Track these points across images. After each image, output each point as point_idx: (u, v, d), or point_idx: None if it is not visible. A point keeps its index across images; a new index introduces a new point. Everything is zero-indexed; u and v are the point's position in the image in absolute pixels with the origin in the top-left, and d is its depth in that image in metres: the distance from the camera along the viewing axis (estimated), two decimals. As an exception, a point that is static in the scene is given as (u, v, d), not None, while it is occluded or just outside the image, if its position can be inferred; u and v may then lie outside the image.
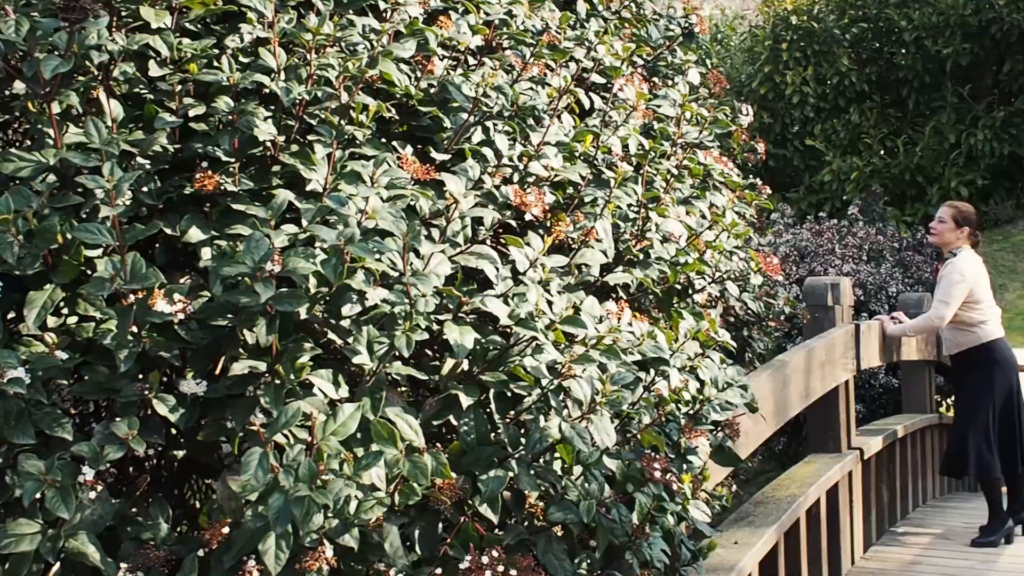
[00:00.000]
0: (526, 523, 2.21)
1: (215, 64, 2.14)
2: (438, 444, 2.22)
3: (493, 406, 2.16)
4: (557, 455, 2.20)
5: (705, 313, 3.05)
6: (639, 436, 2.21)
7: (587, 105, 2.63)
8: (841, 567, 5.65)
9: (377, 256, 1.91)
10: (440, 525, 2.10)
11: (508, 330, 2.13)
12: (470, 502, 2.05)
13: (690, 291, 2.69)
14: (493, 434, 2.16)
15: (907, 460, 7.32)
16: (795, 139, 14.34)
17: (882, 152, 13.88)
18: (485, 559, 1.93)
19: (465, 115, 2.24)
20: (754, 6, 15.95)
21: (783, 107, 14.24)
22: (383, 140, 2.26)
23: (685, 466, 2.40)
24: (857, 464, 5.99)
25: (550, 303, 2.13)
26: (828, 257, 9.73)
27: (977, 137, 13.34)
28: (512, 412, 2.17)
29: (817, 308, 6.05)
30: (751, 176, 14.42)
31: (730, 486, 4.72)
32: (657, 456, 2.17)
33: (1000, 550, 6.24)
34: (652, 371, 2.38)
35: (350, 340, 1.94)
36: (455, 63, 2.43)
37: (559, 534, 2.21)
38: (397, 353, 1.91)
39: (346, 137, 2.15)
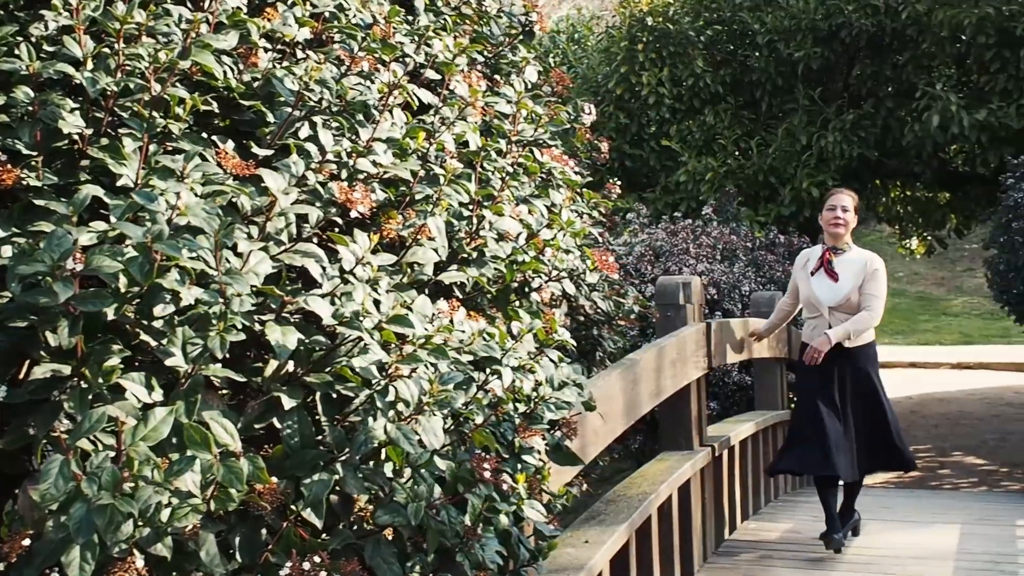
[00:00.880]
0: (355, 527, 2.16)
1: (15, 52, 2.03)
2: (267, 447, 2.16)
3: (320, 408, 2.10)
4: (389, 457, 2.15)
5: (548, 312, 3.04)
6: (471, 436, 2.18)
7: (420, 102, 2.58)
8: (693, 563, 5.73)
9: (191, 254, 1.84)
10: (264, 532, 2.04)
11: (335, 330, 2.08)
12: (293, 507, 1.99)
13: (527, 289, 2.67)
14: (320, 437, 2.11)
15: (759, 456, 7.47)
16: (651, 139, 14.50)
17: (736, 153, 14.14)
18: (307, 565, 1.87)
19: (289, 109, 2.18)
20: (611, 7, 16.10)
21: (639, 107, 14.39)
22: (203, 135, 2.18)
23: (520, 466, 2.37)
24: (709, 460, 6.08)
25: (378, 302, 2.08)
26: (683, 256, 9.88)
27: (828, 139, 13.67)
28: (340, 414, 2.12)
29: (669, 307, 6.12)
30: (610, 176, 14.63)
31: (580, 485, 4.74)
32: (488, 456, 2.14)
33: (848, 542, 6.40)
34: (488, 371, 2.35)
35: (164, 341, 1.86)
36: (281, 56, 2.37)
37: (390, 537, 2.16)
38: (213, 355, 1.84)
39: (160, 131, 2.06)
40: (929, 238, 16.20)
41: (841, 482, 6.24)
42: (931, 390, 16.35)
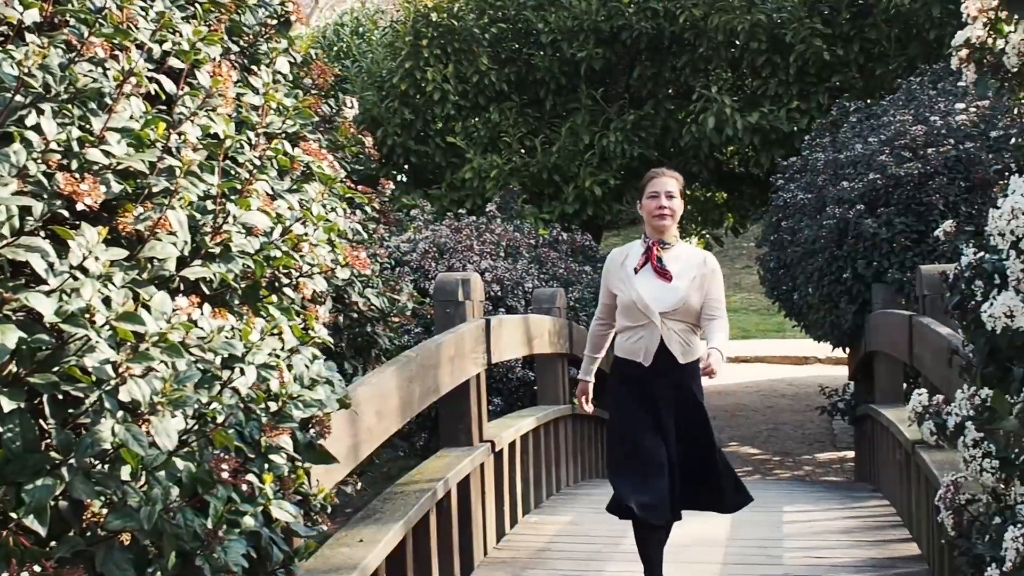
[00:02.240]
0: (89, 533, 2.06)
1: None
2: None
3: (47, 410, 2.00)
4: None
5: (311, 308, 2.98)
6: (212, 436, 2.11)
7: (158, 90, 2.49)
8: (473, 558, 5.75)
9: None
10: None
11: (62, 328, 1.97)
12: (14, 514, 1.88)
13: (276, 285, 2.61)
14: (48, 440, 2.00)
15: (540, 450, 7.57)
16: (437, 136, 14.55)
17: (521, 151, 14.34)
18: (26, 574, 1.77)
19: (9, 95, 2.06)
20: (396, 2, 16.04)
21: (425, 104, 14.41)
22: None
23: (268, 465, 2.32)
24: (489, 456, 6.11)
25: (109, 299, 1.99)
26: (467, 253, 9.93)
27: (610, 139, 14.02)
28: (71, 416, 2.01)
29: (448, 303, 6.11)
30: (396, 172, 14.51)
31: (355, 484, 4.69)
32: (228, 457, 2.08)
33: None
34: (236, 369, 2.28)
35: None
36: (4, 39, 2.23)
37: (126, 543, 2.07)
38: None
39: None
40: (707, 236, 16.80)
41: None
42: (710, 383, 16.96)
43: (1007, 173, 2.87)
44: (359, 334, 4.93)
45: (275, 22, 3.42)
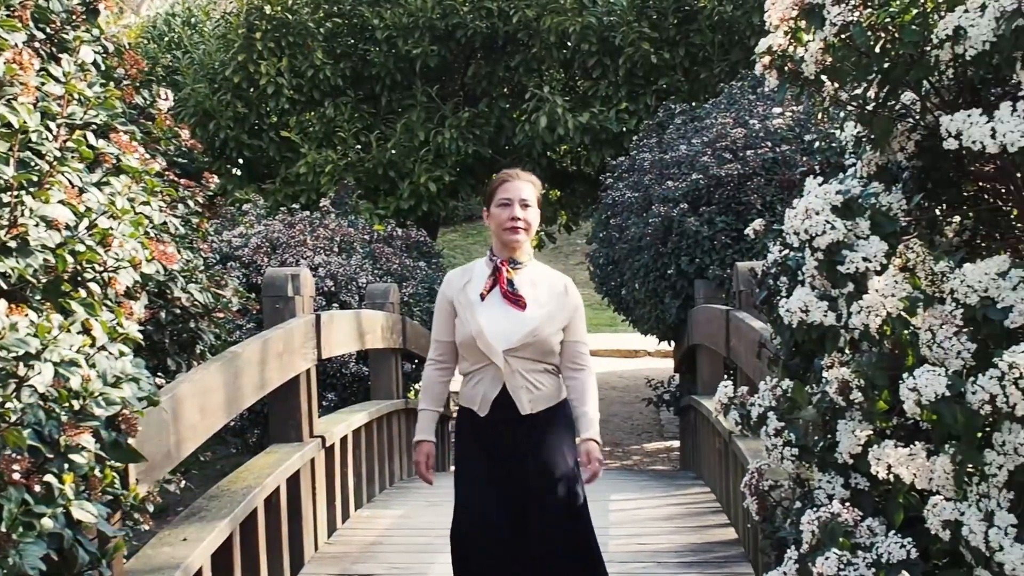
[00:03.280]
0: None
1: None
2: None
3: None
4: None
5: (125, 304, 2.92)
6: (4, 436, 2.06)
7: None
8: (304, 553, 5.72)
9: None
10: None
11: None
12: None
13: (82, 280, 2.55)
14: None
15: (373, 445, 7.57)
16: (271, 130, 14.39)
17: (357, 146, 14.28)
18: None
19: None
20: (230, -8, 15.77)
21: (258, 97, 14.22)
22: None
23: (68, 465, 2.27)
24: (320, 451, 6.09)
25: None
26: (300, 249, 9.86)
27: (445, 136, 14.11)
28: None
29: (277, 299, 6.06)
30: (230, 167, 14.28)
31: (179, 483, 4.61)
32: (20, 457, 2.03)
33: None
34: (33, 366, 2.22)
35: None
36: None
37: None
38: None
39: None
40: (541, 233, 17.01)
41: None
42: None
43: (812, 175, 3.03)
44: (183, 330, 4.84)
45: (83, 10, 3.34)
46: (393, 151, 14.04)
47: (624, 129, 13.68)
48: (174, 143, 4.30)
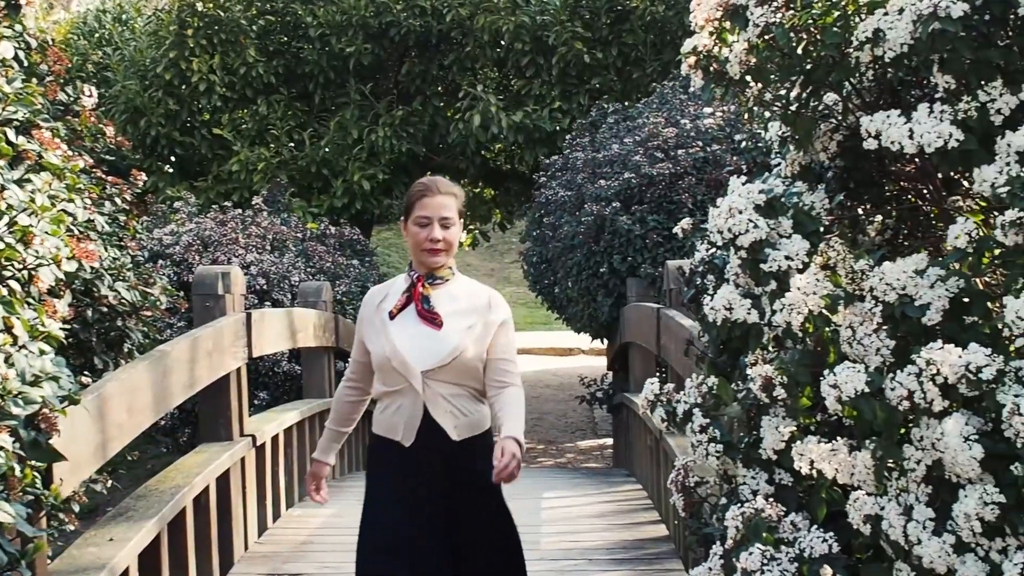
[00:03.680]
0: None
1: None
2: None
3: None
4: None
5: (48, 302, 2.89)
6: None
7: None
8: (233, 553, 5.68)
9: None
10: None
11: None
12: None
13: (1, 277, 2.52)
14: None
15: (305, 444, 7.52)
16: (203, 127, 14.26)
17: (290, 144, 14.21)
18: None
19: None
20: (161, -12, 15.58)
21: (190, 94, 14.09)
22: None
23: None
24: (250, 450, 6.05)
25: None
26: (232, 247, 9.78)
27: (378, 134, 14.08)
28: None
29: (207, 297, 6.02)
30: (161, 164, 14.12)
31: (106, 482, 4.56)
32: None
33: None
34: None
35: None
36: None
37: None
38: None
39: None
40: (476, 231, 17.04)
41: None
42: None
43: (738, 174, 3.07)
44: (110, 328, 4.79)
45: (4, 4, 3.29)
46: (327, 149, 13.97)
47: (558, 128, 13.74)
48: (101, 140, 4.25)
